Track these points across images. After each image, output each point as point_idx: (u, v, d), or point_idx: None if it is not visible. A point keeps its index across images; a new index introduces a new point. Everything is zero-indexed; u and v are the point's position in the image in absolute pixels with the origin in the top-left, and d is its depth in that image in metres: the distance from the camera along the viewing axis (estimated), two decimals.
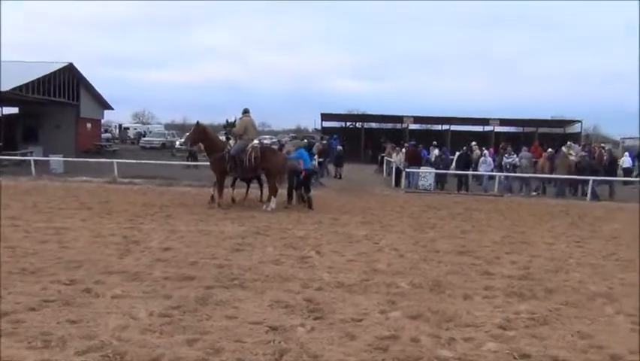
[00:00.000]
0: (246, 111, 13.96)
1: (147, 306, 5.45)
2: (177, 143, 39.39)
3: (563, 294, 6.51)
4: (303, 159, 14.47)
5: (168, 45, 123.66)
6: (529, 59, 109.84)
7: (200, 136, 13.97)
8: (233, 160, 13.47)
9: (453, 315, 5.52)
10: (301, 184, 14.36)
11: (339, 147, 27.33)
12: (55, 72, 32.97)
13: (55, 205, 12.88)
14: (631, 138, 43.59)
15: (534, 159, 24.19)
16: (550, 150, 23.81)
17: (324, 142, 27.75)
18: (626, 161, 25.77)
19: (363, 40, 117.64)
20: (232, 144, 13.87)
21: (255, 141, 14.64)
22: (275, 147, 19.13)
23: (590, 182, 19.53)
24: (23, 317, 5.05)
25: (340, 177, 24.91)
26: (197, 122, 14.19)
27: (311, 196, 14.25)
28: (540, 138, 36.56)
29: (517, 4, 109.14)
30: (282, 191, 14.29)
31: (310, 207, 13.85)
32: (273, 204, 13.41)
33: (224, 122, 15.15)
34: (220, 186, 13.74)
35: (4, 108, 34.61)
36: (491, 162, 22.23)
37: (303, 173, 14.26)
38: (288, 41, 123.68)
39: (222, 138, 15.17)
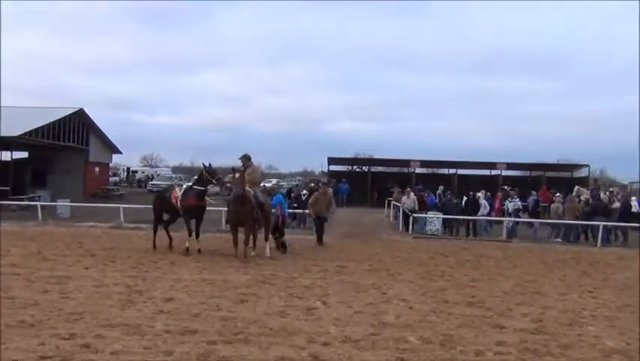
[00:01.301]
0: (250, 158, 13.69)
1: None
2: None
3: (579, 350, 6.27)
4: (281, 204, 14.84)
5: (174, 89, 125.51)
6: (534, 100, 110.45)
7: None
8: (261, 209, 13.19)
9: None
10: (278, 229, 14.46)
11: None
12: (65, 117, 33.47)
13: (59, 252, 12.77)
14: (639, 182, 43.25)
15: (543, 203, 24.02)
16: (558, 194, 23.62)
17: (313, 185, 27.69)
18: (634, 206, 25.37)
19: (365, 82, 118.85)
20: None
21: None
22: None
23: (601, 227, 19.28)
24: None
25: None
26: (233, 168, 13.51)
27: (285, 241, 14.45)
28: (548, 182, 36.35)
29: (519, 45, 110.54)
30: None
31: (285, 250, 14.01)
32: (268, 249, 13.34)
33: (203, 165, 13.84)
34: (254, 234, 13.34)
35: (14, 153, 35.00)
36: (487, 204, 22.02)
37: (280, 218, 14.59)
38: (292, 85, 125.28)
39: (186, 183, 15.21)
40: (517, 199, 22.44)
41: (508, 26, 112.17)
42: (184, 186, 14.43)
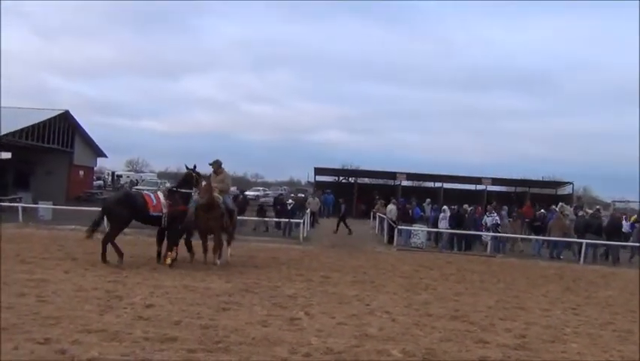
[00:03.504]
0: (221, 164, 13.25)
1: None
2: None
3: None
4: None
5: (161, 94, 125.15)
6: (521, 117, 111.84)
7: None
8: (230, 216, 12.97)
9: None
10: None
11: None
12: (50, 119, 33.16)
13: (38, 255, 12.54)
14: (621, 201, 43.72)
15: (527, 219, 24.16)
16: (542, 210, 23.80)
17: (300, 195, 27.71)
18: (624, 225, 25.50)
19: (353, 93, 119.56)
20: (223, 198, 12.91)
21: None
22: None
23: (584, 244, 19.42)
24: None
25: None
26: (197, 172, 12.89)
27: None
28: (532, 198, 36.68)
29: (507, 61, 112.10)
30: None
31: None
32: (229, 255, 13.17)
33: (186, 166, 13.10)
34: (221, 242, 12.94)
35: None
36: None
37: None
38: (280, 94, 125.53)
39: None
40: (496, 214, 22.50)
41: (497, 43, 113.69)
42: (164, 189, 13.87)
